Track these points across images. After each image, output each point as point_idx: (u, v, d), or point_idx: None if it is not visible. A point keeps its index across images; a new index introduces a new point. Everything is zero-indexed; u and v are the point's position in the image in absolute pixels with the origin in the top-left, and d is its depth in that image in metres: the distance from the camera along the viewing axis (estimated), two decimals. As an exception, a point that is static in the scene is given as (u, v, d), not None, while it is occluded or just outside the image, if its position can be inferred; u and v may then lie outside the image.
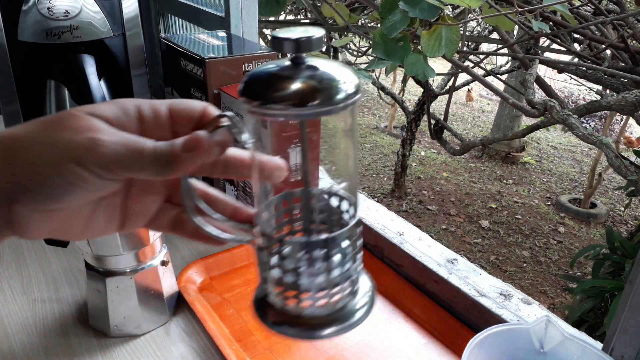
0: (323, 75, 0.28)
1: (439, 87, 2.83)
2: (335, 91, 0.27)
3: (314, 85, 0.27)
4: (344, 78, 0.28)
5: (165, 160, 0.27)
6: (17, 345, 0.56)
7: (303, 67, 0.28)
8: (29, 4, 0.69)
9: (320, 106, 0.27)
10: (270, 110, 0.27)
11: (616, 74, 1.54)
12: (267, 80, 0.28)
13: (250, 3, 0.89)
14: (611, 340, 0.47)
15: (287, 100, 0.27)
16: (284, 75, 0.28)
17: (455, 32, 1.07)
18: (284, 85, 0.27)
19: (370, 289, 0.34)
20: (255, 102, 0.27)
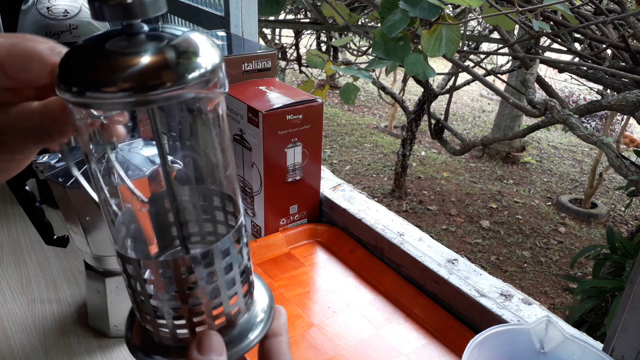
0: (166, 49, 0.21)
1: (439, 87, 2.83)
2: (184, 68, 0.20)
3: (154, 62, 0.20)
4: (198, 51, 0.21)
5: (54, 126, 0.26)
6: (17, 346, 0.56)
7: (141, 38, 0.21)
8: (28, 4, 0.69)
9: (170, 88, 0.20)
10: (95, 99, 0.20)
11: (617, 74, 1.54)
12: (90, 58, 0.21)
13: (250, 3, 0.89)
14: (612, 341, 0.47)
15: (119, 83, 0.19)
16: (114, 50, 0.21)
17: (455, 31, 1.07)
18: (115, 64, 0.20)
19: (268, 299, 0.29)
20: (73, 89, 0.20)
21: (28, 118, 0.26)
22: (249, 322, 0.27)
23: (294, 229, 0.74)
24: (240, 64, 0.74)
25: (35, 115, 0.26)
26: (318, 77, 5.06)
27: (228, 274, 0.26)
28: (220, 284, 0.26)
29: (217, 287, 0.26)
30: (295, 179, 0.73)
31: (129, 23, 0.21)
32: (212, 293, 0.26)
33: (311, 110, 0.69)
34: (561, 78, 5.62)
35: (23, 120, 0.26)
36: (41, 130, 0.26)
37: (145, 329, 0.27)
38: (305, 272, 0.68)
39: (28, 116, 0.26)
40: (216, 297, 0.26)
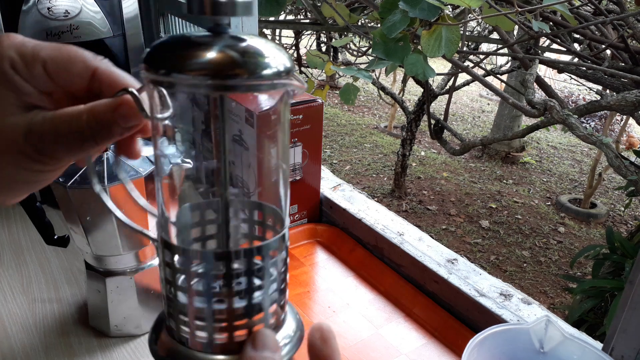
0: (247, 47, 0.23)
1: (439, 87, 2.83)
2: (262, 66, 0.22)
3: (234, 56, 0.22)
4: (273, 55, 0.23)
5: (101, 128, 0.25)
6: (17, 345, 0.56)
7: (225, 36, 0.23)
8: (29, 4, 0.69)
9: (242, 79, 0.22)
10: (175, 79, 0.22)
11: (616, 74, 1.54)
12: (177, 47, 0.23)
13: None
14: (611, 340, 0.47)
15: (199, 69, 0.22)
16: (200, 42, 0.23)
17: (455, 32, 1.07)
18: (197, 53, 0.22)
19: (297, 325, 0.28)
20: (160, 70, 0.22)
21: (72, 121, 0.25)
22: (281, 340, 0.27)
23: (294, 229, 0.74)
24: (241, 64, 0.74)
25: (82, 116, 0.25)
26: (318, 78, 5.06)
27: (271, 278, 0.26)
28: (265, 287, 0.25)
29: (262, 290, 0.25)
30: (295, 179, 0.73)
31: (216, 22, 0.23)
32: (257, 296, 0.25)
33: (311, 110, 0.69)
34: (560, 78, 5.63)
35: (66, 124, 0.25)
36: (85, 134, 0.25)
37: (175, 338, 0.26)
38: (305, 272, 0.68)
39: (73, 119, 0.25)
40: (259, 301, 0.25)
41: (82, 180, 0.49)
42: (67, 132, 0.25)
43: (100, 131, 0.25)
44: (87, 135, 0.25)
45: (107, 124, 0.25)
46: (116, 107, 0.25)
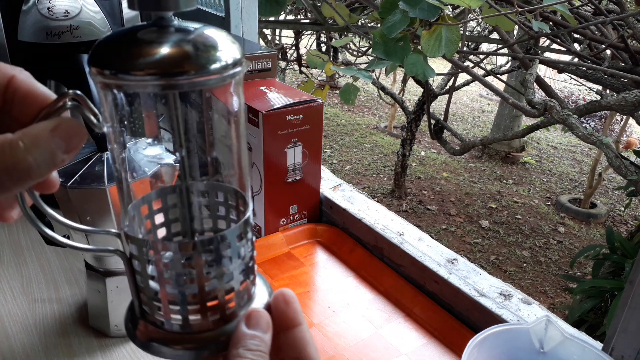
0: (196, 40, 0.23)
1: (439, 87, 2.83)
2: (208, 59, 0.22)
3: (185, 51, 0.22)
4: (221, 46, 0.23)
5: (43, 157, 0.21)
6: (17, 345, 0.56)
7: (170, 30, 0.23)
8: (28, 4, 0.69)
9: (192, 76, 0.22)
10: (126, 80, 0.21)
11: (616, 74, 1.54)
12: (123, 45, 0.23)
13: (250, 3, 0.89)
14: (611, 340, 0.47)
15: (149, 67, 0.21)
16: (145, 38, 0.22)
17: (455, 32, 1.07)
18: (146, 51, 0.22)
19: (267, 298, 0.29)
20: (107, 70, 0.22)
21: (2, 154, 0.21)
22: None
23: (294, 229, 0.74)
24: (241, 64, 0.74)
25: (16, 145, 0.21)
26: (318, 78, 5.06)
27: (239, 260, 0.27)
28: (234, 270, 0.26)
29: (230, 272, 0.26)
30: (295, 179, 0.73)
31: (160, 16, 0.23)
32: (226, 277, 0.26)
33: (311, 110, 0.69)
34: (560, 78, 5.63)
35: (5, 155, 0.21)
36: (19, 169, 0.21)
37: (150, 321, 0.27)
38: (305, 272, 0.68)
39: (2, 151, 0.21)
40: (229, 281, 0.26)
41: (82, 180, 0.49)
42: None
43: (41, 162, 0.21)
44: (22, 169, 0.21)
45: (49, 151, 0.22)
46: (56, 127, 0.22)
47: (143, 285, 0.26)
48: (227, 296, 0.27)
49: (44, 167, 0.22)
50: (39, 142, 0.21)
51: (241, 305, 0.28)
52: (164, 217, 0.29)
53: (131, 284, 0.27)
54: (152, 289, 0.26)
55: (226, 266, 0.26)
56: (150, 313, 0.27)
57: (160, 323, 0.27)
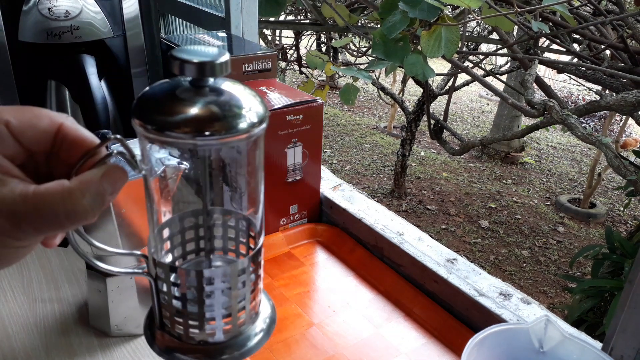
0: (225, 102, 0.25)
1: (438, 88, 2.84)
2: (237, 120, 0.25)
3: (214, 112, 0.25)
4: (249, 106, 0.26)
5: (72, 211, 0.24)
6: (18, 345, 0.56)
7: (205, 90, 0.26)
8: (29, 5, 0.69)
9: (219, 136, 0.25)
10: (165, 137, 0.24)
11: (615, 74, 1.54)
12: (164, 103, 0.26)
13: (250, 3, 0.89)
14: (611, 340, 0.47)
15: (185, 127, 0.24)
16: (183, 98, 0.25)
17: (454, 32, 1.07)
18: (183, 110, 0.25)
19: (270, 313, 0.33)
20: (149, 126, 0.25)
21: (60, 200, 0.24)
22: (254, 330, 0.32)
23: (294, 229, 0.75)
24: (241, 64, 0.74)
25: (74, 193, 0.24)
26: (318, 78, 5.06)
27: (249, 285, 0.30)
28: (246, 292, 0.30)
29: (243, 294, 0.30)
30: (296, 179, 0.73)
31: (199, 77, 0.26)
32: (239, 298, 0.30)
33: (311, 110, 0.69)
34: (560, 78, 5.63)
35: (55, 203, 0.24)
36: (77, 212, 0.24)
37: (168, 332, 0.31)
38: (305, 272, 0.68)
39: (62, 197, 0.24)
40: (241, 301, 0.30)
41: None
42: (51, 212, 0.23)
43: (94, 205, 0.24)
44: (79, 212, 0.24)
45: (100, 196, 0.25)
46: (105, 174, 0.25)
47: (166, 303, 0.30)
48: (240, 313, 0.30)
49: (96, 209, 0.25)
50: (92, 189, 0.25)
51: (250, 320, 0.31)
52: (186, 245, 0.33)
53: (155, 301, 0.30)
54: (175, 307, 0.30)
55: (240, 289, 0.30)
56: (170, 327, 0.30)
57: (178, 335, 0.30)
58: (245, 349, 0.30)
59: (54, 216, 0.24)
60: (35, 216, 0.23)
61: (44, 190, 0.24)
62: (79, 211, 0.24)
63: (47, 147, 0.26)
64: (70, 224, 0.24)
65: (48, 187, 0.24)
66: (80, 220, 0.24)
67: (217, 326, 0.30)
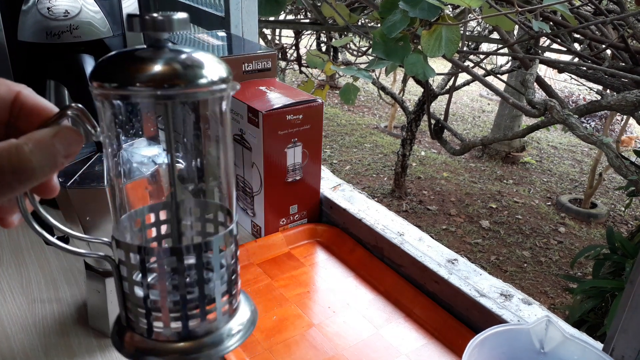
0: (185, 59, 0.25)
1: (439, 87, 2.83)
2: (199, 75, 0.25)
3: (175, 67, 0.25)
4: (209, 65, 0.26)
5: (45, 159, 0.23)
6: (17, 346, 0.56)
7: (165, 50, 0.26)
8: (28, 4, 0.69)
9: (181, 88, 0.24)
10: (124, 91, 0.24)
11: (616, 74, 1.54)
12: (122, 62, 0.25)
13: (250, 3, 0.89)
14: (612, 341, 0.47)
15: (145, 81, 0.24)
16: (142, 56, 0.25)
17: (455, 32, 1.07)
18: (142, 67, 0.25)
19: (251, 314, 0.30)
20: (111, 84, 0.24)
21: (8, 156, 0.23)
22: (230, 330, 0.29)
23: (294, 229, 0.74)
24: (241, 64, 0.74)
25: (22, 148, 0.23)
26: (318, 78, 5.06)
27: (221, 270, 0.28)
28: (215, 279, 0.28)
29: (212, 282, 0.28)
30: (295, 179, 0.73)
31: (156, 37, 0.25)
32: (208, 287, 0.28)
33: (311, 110, 0.69)
34: (561, 78, 5.62)
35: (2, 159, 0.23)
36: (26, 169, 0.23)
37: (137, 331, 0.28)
38: (305, 272, 0.68)
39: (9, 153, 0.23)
40: (210, 291, 0.28)
41: (82, 180, 0.49)
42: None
43: (44, 164, 0.23)
44: (27, 170, 0.23)
45: (51, 154, 0.24)
46: (56, 133, 0.24)
47: (129, 292, 0.28)
48: (209, 306, 0.28)
49: (46, 169, 0.24)
50: (42, 146, 0.23)
51: (223, 318, 0.29)
52: (155, 229, 0.31)
53: (118, 291, 0.28)
54: (137, 296, 0.27)
55: (208, 275, 0.27)
56: (135, 321, 0.28)
57: (145, 332, 0.28)
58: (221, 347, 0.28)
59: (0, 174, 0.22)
60: None
61: None
62: (26, 167, 0.23)
63: (4, 116, 0.25)
64: (18, 184, 0.23)
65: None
66: (29, 179, 0.23)
67: (182, 317, 0.27)
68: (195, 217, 0.31)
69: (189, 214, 0.31)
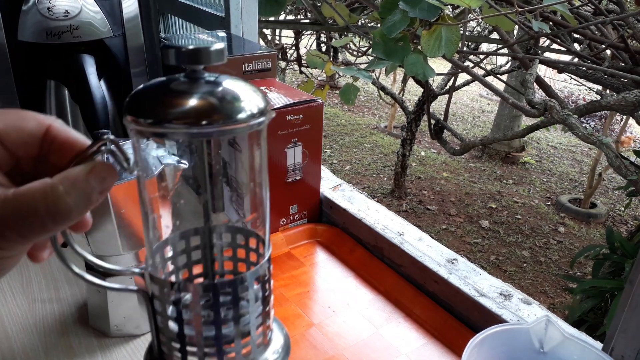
0: (222, 92, 0.24)
1: (439, 87, 2.83)
2: (238, 110, 0.24)
3: (210, 102, 0.23)
4: (247, 97, 0.24)
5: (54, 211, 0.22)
6: (17, 346, 0.56)
7: (201, 82, 0.24)
8: (28, 4, 0.69)
9: (220, 125, 0.23)
10: (161, 129, 0.23)
11: (616, 74, 1.54)
12: (158, 96, 0.24)
13: (250, 3, 0.89)
14: (611, 341, 0.47)
15: (182, 118, 0.23)
16: (179, 90, 0.24)
17: (455, 32, 1.07)
18: (179, 102, 0.23)
19: (284, 340, 0.30)
20: (146, 120, 0.23)
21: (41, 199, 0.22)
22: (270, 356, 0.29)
23: (294, 229, 0.74)
24: (241, 64, 0.74)
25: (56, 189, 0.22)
26: (318, 78, 5.06)
27: (256, 303, 0.27)
28: (250, 313, 0.27)
29: (247, 315, 0.27)
30: (295, 179, 0.73)
31: (194, 69, 0.24)
32: (243, 321, 0.27)
33: (311, 110, 0.69)
34: (560, 78, 5.63)
35: (34, 202, 0.22)
36: (61, 211, 0.22)
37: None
38: (305, 272, 0.68)
39: (44, 195, 0.22)
40: (245, 325, 0.27)
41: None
42: (33, 213, 0.22)
43: (80, 203, 0.23)
44: (63, 211, 0.22)
45: (86, 193, 0.23)
46: (91, 171, 0.23)
47: (162, 326, 0.27)
48: (244, 340, 0.27)
49: (81, 208, 0.23)
50: (77, 185, 0.23)
51: (258, 350, 0.28)
52: (186, 259, 0.30)
53: (152, 324, 0.28)
54: (171, 330, 0.27)
55: (243, 309, 0.27)
56: (169, 354, 0.27)
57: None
58: None
59: (35, 216, 0.22)
60: (16, 218, 0.22)
61: (24, 189, 0.22)
62: (62, 209, 0.22)
63: (35, 150, 0.25)
64: (54, 225, 0.23)
65: (29, 186, 0.22)
66: (65, 219, 0.23)
67: (217, 353, 0.27)
68: (228, 244, 0.31)
69: (221, 240, 0.31)
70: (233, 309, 0.26)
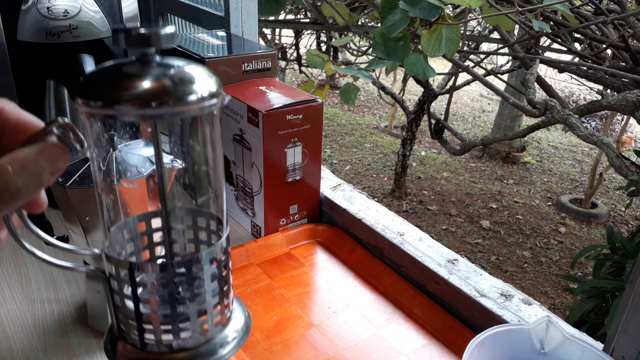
0: (173, 75, 0.24)
1: (439, 87, 2.83)
2: (188, 92, 0.24)
3: (163, 84, 0.24)
4: (199, 80, 0.25)
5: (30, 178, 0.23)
6: (17, 346, 0.56)
7: (152, 65, 0.25)
8: (28, 4, 0.69)
9: (170, 107, 0.23)
10: (110, 110, 0.23)
11: (617, 74, 1.54)
12: (108, 78, 0.24)
13: (250, 3, 0.88)
14: (612, 341, 0.47)
15: (132, 99, 0.23)
16: (129, 72, 0.24)
17: (455, 31, 1.07)
18: (129, 84, 0.24)
19: (245, 320, 0.30)
20: (96, 102, 0.23)
21: None
22: (225, 338, 0.29)
23: (294, 229, 0.74)
24: (240, 64, 0.74)
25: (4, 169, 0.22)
26: (318, 77, 5.06)
27: (212, 283, 0.28)
28: (206, 292, 0.27)
29: (204, 294, 0.27)
30: (295, 179, 0.72)
31: (144, 52, 0.24)
32: (199, 299, 0.27)
33: (311, 110, 0.69)
34: (561, 78, 5.62)
35: None
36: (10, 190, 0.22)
37: (129, 342, 0.28)
38: (305, 272, 0.68)
39: None
40: (202, 303, 0.27)
41: (82, 180, 0.49)
42: None
43: (29, 184, 0.23)
44: (12, 191, 0.22)
45: (36, 173, 0.23)
46: (41, 151, 0.23)
47: (120, 305, 0.28)
48: (201, 318, 0.27)
49: (31, 188, 0.23)
50: (26, 165, 0.23)
51: (216, 329, 0.28)
52: (146, 240, 0.31)
53: (109, 303, 0.28)
54: (128, 308, 0.27)
55: (199, 288, 0.27)
56: (127, 332, 0.28)
57: (137, 343, 0.28)
58: (215, 357, 0.28)
59: None
60: None
61: None
62: (10, 189, 0.22)
63: None
64: (3, 204, 0.23)
65: None
66: (14, 199, 0.23)
67: (173, 330, 0.27)
68: (187, 226, 0.31)
69: (180, 222, 0.31)
70: (188, 288, 0.27)
